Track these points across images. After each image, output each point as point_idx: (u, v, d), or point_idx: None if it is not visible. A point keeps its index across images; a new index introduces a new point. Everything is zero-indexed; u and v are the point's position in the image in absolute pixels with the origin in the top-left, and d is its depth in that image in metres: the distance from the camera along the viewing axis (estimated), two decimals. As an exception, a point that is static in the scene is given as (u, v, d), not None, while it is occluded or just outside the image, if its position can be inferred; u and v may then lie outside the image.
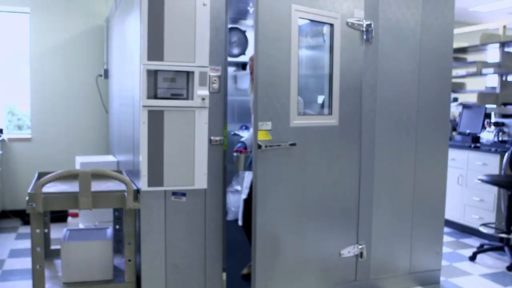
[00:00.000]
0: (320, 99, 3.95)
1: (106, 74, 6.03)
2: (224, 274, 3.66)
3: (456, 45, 6.19)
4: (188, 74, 3.34)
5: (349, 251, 3.83)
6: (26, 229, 5.83)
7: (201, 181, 3.42)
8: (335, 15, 3.59)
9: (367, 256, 3.92)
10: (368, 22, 3.74)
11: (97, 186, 3.53)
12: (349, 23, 3.65)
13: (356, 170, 3.83)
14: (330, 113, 3.65)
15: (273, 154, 3.34)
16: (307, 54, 3.88)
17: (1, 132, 6.16)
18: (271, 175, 3.36)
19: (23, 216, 6.07)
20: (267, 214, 3.37)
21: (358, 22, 3.70)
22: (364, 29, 3.73)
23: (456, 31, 4.56)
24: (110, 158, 5.28)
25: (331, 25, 3.59)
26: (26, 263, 4.65)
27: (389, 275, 4.06)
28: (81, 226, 4.97)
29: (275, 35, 3.28)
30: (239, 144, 3.96)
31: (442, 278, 4.35)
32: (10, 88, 6.59)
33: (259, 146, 3.25)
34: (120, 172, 4.04)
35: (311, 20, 3.54)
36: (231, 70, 6.65)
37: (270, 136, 3.31)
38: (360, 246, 3.87)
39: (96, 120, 6.38)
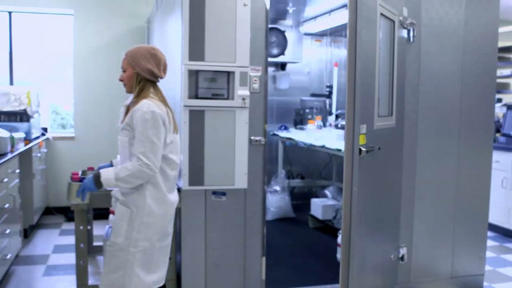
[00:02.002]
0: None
1: (147, 74, 6.11)
2: (264, 274, 3.66)
3: (500, 44, 6.04)
4: (229, 74, 3.36)
5: (391, 255, 3.78)
6: (69, 226, 5.98)
7: (241, 180, 3.44)
8: (396, 12, 3.47)
9: (408, 259, 3.86)
10: (412, 21, 3.68)
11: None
12: (400, 21, 3.60)
13: (399, 171, 3.78)
14: (391, 114, 3.54)
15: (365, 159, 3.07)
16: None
17: (46, 131, 6.32)
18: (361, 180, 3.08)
19: (66, 213, 6.22)
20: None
21: (406, 21, 3.64)
22: (408, 27, 3.68)
23: (501, 29, 4.45)
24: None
25: (393, 22, 3.45)
26: (69, 258, 4.77)
27: (430, 278, 3.99)
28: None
29: (367, 35, 3.07)
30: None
31: (485, 284, 4.25)
32: (54, 88, 6.77)
33: (360, 151, 2.97)
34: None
35: (384, 16, 3.28)
36: (270, 70, 6.67)
37: (365, 140, 3.08)
38: (401, 249, 3.81)
39: (137, 120, 6.47)
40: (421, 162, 3.86)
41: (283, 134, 6.27)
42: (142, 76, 2.72)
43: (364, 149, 2.97)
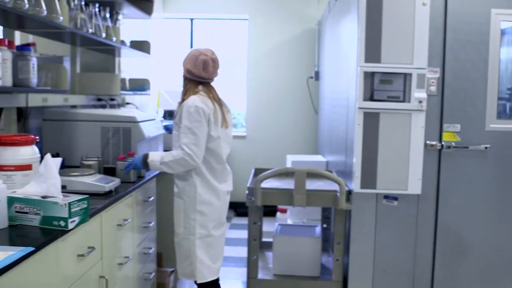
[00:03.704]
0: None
1: (317, 76, 6.20)
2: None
3: None
4: (406, 76, 3.27)
5: None
6: (238, 220, 6.28)
7: (415, 186, 3.32)
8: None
9: None
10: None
11: (309, 184, 3.64)
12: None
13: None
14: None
15: (460, 155, 3.40)
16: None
17: (220, 130, 6.69)
18: (455, 175, 3.41)
19: (235, 208, 6.53)
20: (449, 212, 3.41)
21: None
22: None
23: None
24: (319, 158, 5.41)
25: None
26: (238, 251, 5.01)
27: None
28: (289, 222, 5.18)
29: (468, 38, 3.33)
30: None
31: None
32: (227, 89, 7.15)
33: (442, 146, 3.37)
34: (331, 172, 4.12)
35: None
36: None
37: (458, 138, 3.35)
38: None
39: (306, 121, 6.60)
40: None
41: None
42: (185, 76, 2.99)
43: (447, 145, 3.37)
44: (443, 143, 3.39)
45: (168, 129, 3.64)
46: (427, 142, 3.37)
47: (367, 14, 3.23)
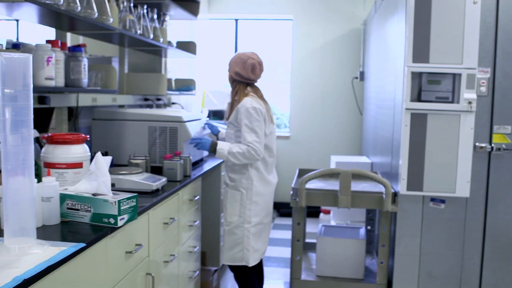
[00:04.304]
0: None
1: (361, 76, 6.13)
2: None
3: None
4: (455, 76, 3.20)
5: None
6: (281, 221, 6.28)
7: (463, 189, 3.25)
8: None
9: None
10: None
11: (353, 186, 3.61)
12: None
13: None
14: None
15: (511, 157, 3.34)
16: None
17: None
18: (506, 178, 3.34)
19: (278, 208, 6.54)
20: (499, 216, 3.34)
21: None
22: None
23: None
24: (364, 159, 5.35)
25: None
26: (281, 252, 5.01)
27: None
28: (332, 223, 5.15)
29: None
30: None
31: None
32: (270, 89, 7.16)
33: (492, 148, 3.32)
34: (375, 173, 4.07)
35: None
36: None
37: (508, 140, 3.30)
38: None
39: (350, 121, 6.54)
40: None
41: None
42: (234, 78, 3.22)
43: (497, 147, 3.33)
44: (493, 145, 3.31)
45: (211, 127, 3.69)
46: (476, 144, 3.29)
47: (415, 13, 3.18)
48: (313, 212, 5.94)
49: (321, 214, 5.79)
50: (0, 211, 1.81)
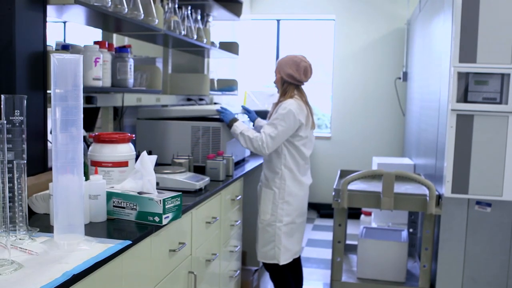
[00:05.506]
0: None
1: (405, 76, 6.04)
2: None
3: None
4: (503, 77, 3.12)
5: None
6: (321, 222, 6.26)
7: (510, 192, 3.16)
8: None
9: None
10: None
11: (396, 188, 3.56)
12: None
13: None
14: None
15: None
16: None
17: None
18: None
19: (319, 209, 6.51)
20: None
21: None
22: None
23: None
24: (406, 160, 5.27)
25: None
26: (321, 253, 5.00)
27: None
28: (373, 225, 5.09)
29: None
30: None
31: None
32: (311, 90, 7.13)
33: None
34: (419, 175, 4.00)
35: None
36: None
37: None
38: None
39: (392, 122, 6.45)
40: None
41: None
42: (285, 80, 3.21)
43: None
44: None
45: (249, 112, 3.72)
46: (525, 146, 3.20)
47: (462, 12, 3.11)
48: (354, 214, 5.89)
49: (362, 216, 5.73)
50: (50, 208, 1.86)
